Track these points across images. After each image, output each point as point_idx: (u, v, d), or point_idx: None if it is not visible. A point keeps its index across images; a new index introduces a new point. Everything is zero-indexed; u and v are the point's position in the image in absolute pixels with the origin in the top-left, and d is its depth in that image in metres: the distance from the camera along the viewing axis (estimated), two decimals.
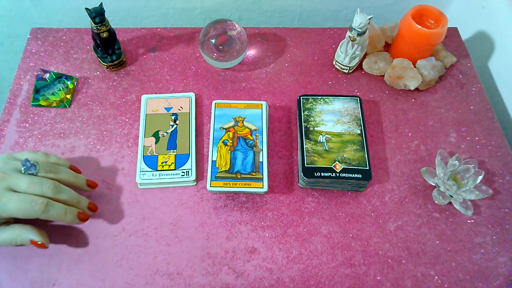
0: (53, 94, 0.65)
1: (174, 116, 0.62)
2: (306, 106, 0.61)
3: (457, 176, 0.55)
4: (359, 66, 0.70)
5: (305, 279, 0.52)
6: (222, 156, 0.57)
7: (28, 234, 0.48)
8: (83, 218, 0.51)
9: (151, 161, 0.58)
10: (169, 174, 0.57)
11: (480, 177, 0.55)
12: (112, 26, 0.65)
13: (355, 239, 0.55)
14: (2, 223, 0.48)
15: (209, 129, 0.63)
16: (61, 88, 0.66)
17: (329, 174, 0.55)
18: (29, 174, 0.48)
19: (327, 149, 0.57)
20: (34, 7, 0.83)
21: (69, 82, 0.67)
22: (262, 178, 0.55)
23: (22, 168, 0.48)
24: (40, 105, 0.64)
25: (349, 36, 0.63)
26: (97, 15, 0.60)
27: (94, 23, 0.61)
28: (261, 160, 0.57)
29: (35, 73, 0.68)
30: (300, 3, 0.85)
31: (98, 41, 0.64)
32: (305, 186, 0.58)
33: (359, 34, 0.62)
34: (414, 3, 0.66)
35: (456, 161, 0.57)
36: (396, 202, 0.58)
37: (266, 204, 0.57)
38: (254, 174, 0.56)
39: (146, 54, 0.71)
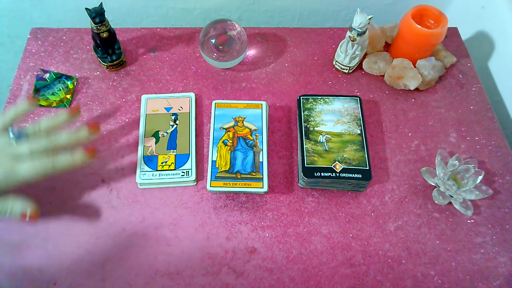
0: (53, 94, 0.65)
1: (174, 116, 0.62)
2: (306, 106, 0.61)
3: (457, 176, 0.55)
4: (359, 66, 0.70)
5: (305, 279, 0.52)
6: (222, 156, 0.57)
7: (20, 204, 0.48)
8: (92, 154, 0.50)
9: (151, 161, 0.58)
10: (169, 174, 0.57)
11: (480, 177, 0.55)
12: (112, 26, 0.65)
13: (355, 239, 0.55)
14: None
15: (209, 129, 0.63)
16: (61, 88, 0.66)
17: (329, 174, 0.55)
18: (22, 140, 0.48)
19: (327, 149, 0.57)
20: (34, 7, 0.83)
21: (69, 82, 0.67)
22: (262, 178, 0.55)
23: (13, 139, 0.48)
24: (40, 105, 0.64)
25: (349, 36, 0.63)
26: (97, 15, 0.60)
27: (94, 23, 0.61)
28: (261, 160, 0.57)
29: (35, 73, 0.68)
30: (300, 3, 0.85)
31: (98, 41, 0.64)
32: (305, 186, 0.58)
33: (359, 34, 0.62)
34: (414, 3, 0.66)
35: (456, 161, 0.57)
36: (396, 202, 0.58)
37: (266, 204, 0.57)
38: (254, 174, 0.55)
39: (146, 54, 0.71)
